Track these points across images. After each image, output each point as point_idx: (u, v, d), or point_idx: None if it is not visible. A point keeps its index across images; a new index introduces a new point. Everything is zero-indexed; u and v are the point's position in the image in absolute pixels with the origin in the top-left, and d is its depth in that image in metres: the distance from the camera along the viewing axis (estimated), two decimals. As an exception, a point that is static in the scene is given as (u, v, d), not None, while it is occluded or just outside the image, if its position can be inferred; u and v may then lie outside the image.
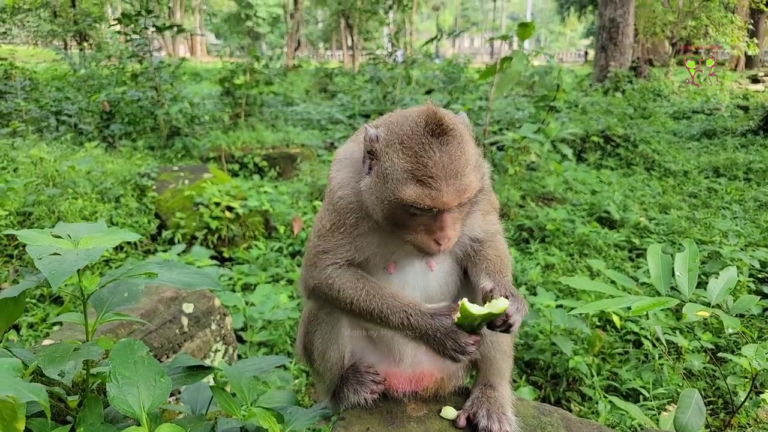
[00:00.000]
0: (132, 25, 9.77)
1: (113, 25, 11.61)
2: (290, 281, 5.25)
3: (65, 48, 19.86)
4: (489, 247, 1.71)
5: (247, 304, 4.48)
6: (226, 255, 6.01)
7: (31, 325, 4.13)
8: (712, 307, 2.09)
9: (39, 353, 1.37)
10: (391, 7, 21.61)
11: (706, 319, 3.83)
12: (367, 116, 12.60)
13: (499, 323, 1.47)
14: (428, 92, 15.05)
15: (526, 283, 4.90)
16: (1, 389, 0.88)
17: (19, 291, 1.41)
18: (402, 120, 1.48)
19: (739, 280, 4.47)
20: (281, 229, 6.27)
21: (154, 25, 10.00)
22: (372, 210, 1.52)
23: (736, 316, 2.16)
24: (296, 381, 3.68)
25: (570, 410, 3.41)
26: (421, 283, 1.69)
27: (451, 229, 1.47)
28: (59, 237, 1.51)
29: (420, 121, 1.42)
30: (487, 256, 1.69)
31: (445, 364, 1.74)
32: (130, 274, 1.56)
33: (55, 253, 1.33)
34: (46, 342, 2.28)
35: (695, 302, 2.17)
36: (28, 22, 22.08)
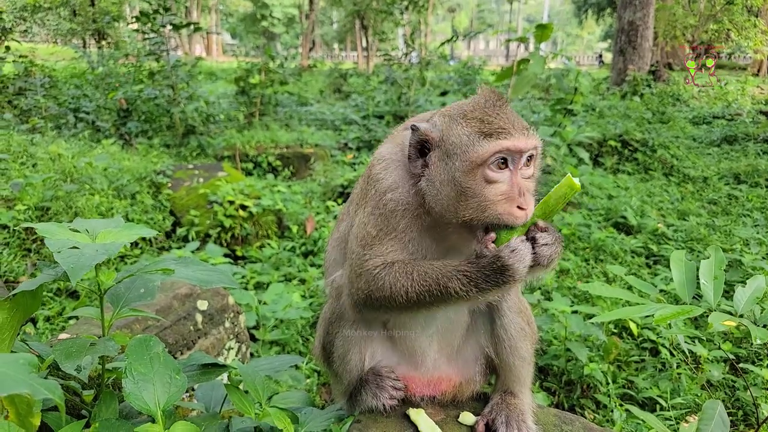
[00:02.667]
0: (150, 24, 9.86)
1: (131, 23, 11.75)
2: (302, 281, 5.24)
3: (84, 46, 20.21)
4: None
5: (259, 302, 4.48)
6: (239, 253, 6.03)
7: (47, 319, 4.17)
8: (739, 316, 2.03)
9: (55, 348, 1.36)
10: (406, 8, 21.57)
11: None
12: (381, 117, 12.56)
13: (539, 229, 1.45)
14: (443, 93, 14.95)
15: (540, 288, 4.84)
16: (16, 386, 0.87)
17: (37, 284, 1.40)
18: (457, 105, 1.55)
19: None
20: (294, 228, 6.27)
21: (171, 23, 10.07)
22: (439, 203, 1.47)
23: (763, 326, 2.08)
24: (308, 380, 3.66)
25: (584, 417, 3.35)
26: None
27: (528, 191, 1.47)
28: (77, 231, 1.51)
29: (479, 99, 1.50)
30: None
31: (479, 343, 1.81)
32: (147, 270, 1.55)
33: (73, 247, 1.32)
34: (63, 336, 2.29)
35: (721, 311, 2.10)
36: (48, 20, 22.52)
